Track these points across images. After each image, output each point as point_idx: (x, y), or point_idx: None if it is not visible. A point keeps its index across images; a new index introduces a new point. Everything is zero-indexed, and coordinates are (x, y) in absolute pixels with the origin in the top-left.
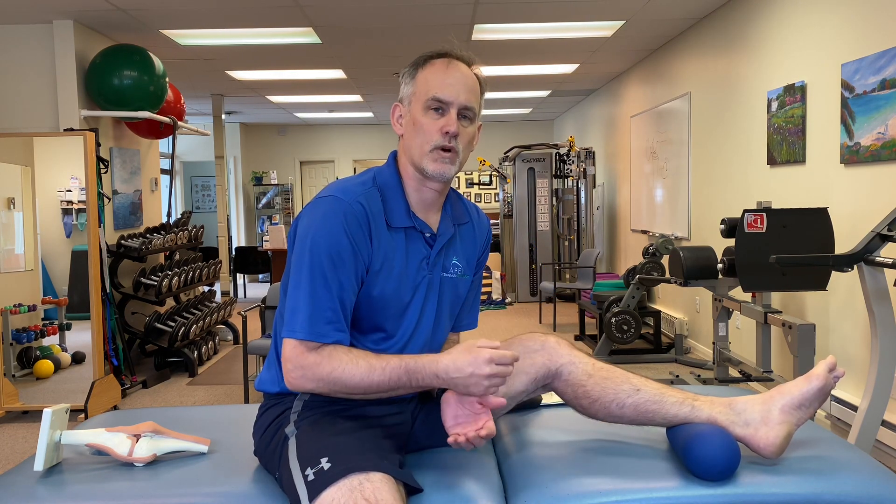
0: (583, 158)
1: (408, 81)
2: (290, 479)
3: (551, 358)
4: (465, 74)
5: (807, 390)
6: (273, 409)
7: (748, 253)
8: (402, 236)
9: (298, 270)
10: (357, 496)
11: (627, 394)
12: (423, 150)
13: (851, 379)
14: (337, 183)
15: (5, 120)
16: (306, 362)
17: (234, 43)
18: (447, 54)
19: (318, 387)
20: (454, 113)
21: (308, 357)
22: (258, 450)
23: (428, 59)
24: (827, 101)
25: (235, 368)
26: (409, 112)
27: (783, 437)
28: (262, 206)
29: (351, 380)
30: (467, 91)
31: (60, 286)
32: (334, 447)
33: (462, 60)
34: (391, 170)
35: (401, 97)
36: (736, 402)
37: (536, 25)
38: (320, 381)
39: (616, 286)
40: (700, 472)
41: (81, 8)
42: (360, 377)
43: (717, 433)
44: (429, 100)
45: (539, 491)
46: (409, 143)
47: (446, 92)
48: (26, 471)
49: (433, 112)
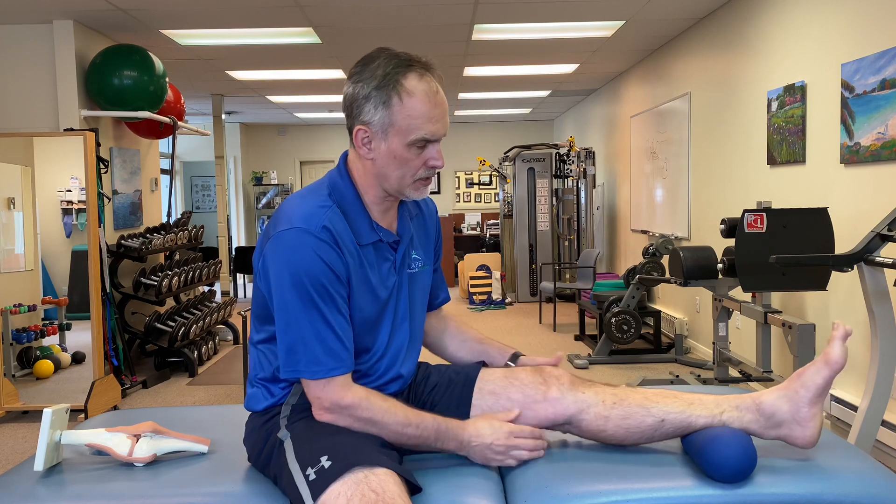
0: (583, 158)
1: (379, 107)
2: (290, 481)
3: (556, 411)
4: (443, 97)
5: (829, 376)
6: (261, 416)
7: (748, 253)
8: (371, 249)
9: (287, 310)
10: (364, 488)
11: (654, 427)
12: (405, 182)
13: (851, 379)
14: (292, 208)
15: (5, 120)
16: (344, 402)
17: (234, 43)
18: (425, 69)
19: (352, 424)
20: (439, 145)
21: (346, 397)
22: (252, 457)
23: (400, 78)
24: (827, 101)
25: (235, 368)
26: (384, 142)
27: (817, 429)
28: (262, 206)
29: (386, 427)
30: (447, 117)
31: (60, 286)
32: (333, 445)
33: (434, 75)
34: (346, 182)
35: (367, 120)
36: (763, 407)
37: (536, 25)
38: (357, 422)
39: (616, 286)
40: (717, 474)
41: (81, 8)
42: (396, 426)
43: (734, 435)
44: (418, 140)
45: (539, 491)
46: (385, 171)
47: (435, 130)
48: (26, 471)
49: (417, 147)
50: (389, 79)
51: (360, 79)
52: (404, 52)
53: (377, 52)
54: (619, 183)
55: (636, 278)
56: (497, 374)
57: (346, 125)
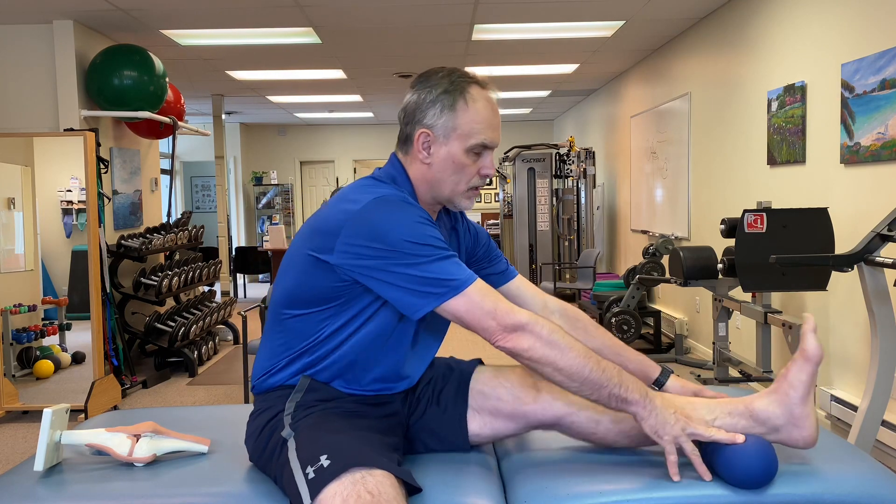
0: (583, 158)
1: (444, 110)
2: (290, 480)
3: (546, 412)
4: (498, 109)
5: (811, 371)
6: (264, 413)
7: (748, 253)
8: None
9: (409, 261)
10: (360, 489)
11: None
12: (458, 189)
13: (851, 379)
14: (364, 188)
15: (5, 120)
16: (521, 319)
17: (234, 43)
18: (485, 84)
19: (535, 347)
20: (492, 154)
21: (519, 312)
22: (254, 457)
23: (466, 86)
24: (827, 101)
25: (235, 368)
26: (445, 146)
27: (815, 428)
28: (262, 206)
29: (567, 353)
30: (500, 129)
31: (60, 286)
32: (333, 445)
33: (491, 91)
34: (404, 178)
35: (431, 124)
36: (756, 413)
37: (536, 25)
38: (540, 342)
39: (616, 286)
40: (738, 482)
41: (81, 8)
42: (577, 356)
43: (761, 445)
44: (477, 145)
45: (539, 491)
46: (440, 176)
47: (494, 137)
48: (26, 471)
49: (474, 154)
50: (457, 85)
51: (425, 86)
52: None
53: (439, 68)
54: (619, 183)
55: (636, 278)
56: (487, 373)
57: (403, 133)
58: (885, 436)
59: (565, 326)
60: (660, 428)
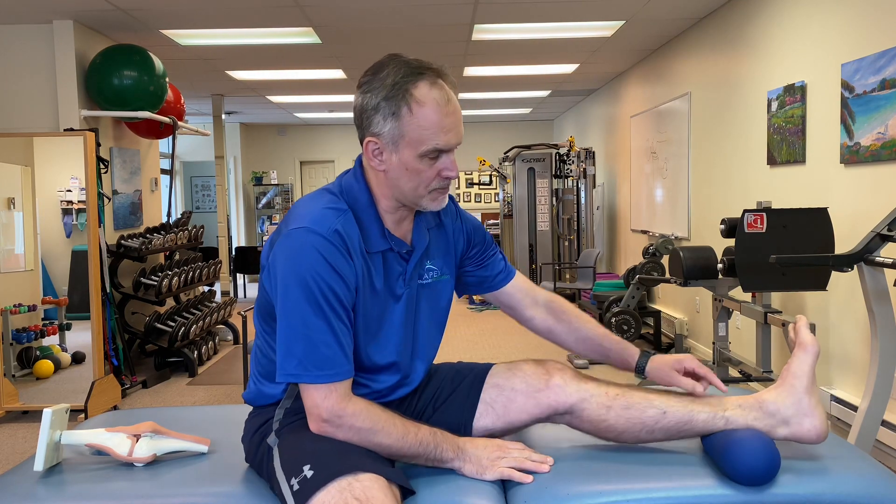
0: (583, 158)
1: (388, 118)
2: (279, 490)
3: (558, 399)
4: (456, 104)
5: (811, 361)
6: (257, 417)
7: (748, 253)
8: (380, 258)
9: (290, 312)
10: (347, 496)
11: (655, 419)
12: (419, 193)
13: (851, 379)
14: (305, 208)
15: (5, 120)
16: (345, 412)
17: (234, 43)
18: (437, 77)
19: (350, 437)
20: (453, 154)
21: (347, 407)
22: (248, 458)
23: (410, 87)
24: (827, 101)
25: (235, 368)
26: (395, 154)
27: (824, 419)
28: (262, 206)
29: (386, 438)
30: (461, 125)
31: (60, 286)
32: (315, 453)
33: (447, 81)
34: (361, 187)
35: (377, 132)
36: (766, 404)
37: (536, 25)
38: (357, 433)
39: (616, 286)
40: (742, 478)
41: (81, 8)
42: (396, 438)
43: (759, 439)
44: (428, 151)
45: (539, 491)
46: (398, 183)
47: (448, 140)
48: (26, 471)
49: (429, 158)
50: (398, 88)
51: (368, 89)
52: (416, 58)
53: (387, 60)
54: (619, 183)
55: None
56: (501, 368)
57: (358, 135)
58: (885, 436)
59: (550, 319)
60: (480, 471)
